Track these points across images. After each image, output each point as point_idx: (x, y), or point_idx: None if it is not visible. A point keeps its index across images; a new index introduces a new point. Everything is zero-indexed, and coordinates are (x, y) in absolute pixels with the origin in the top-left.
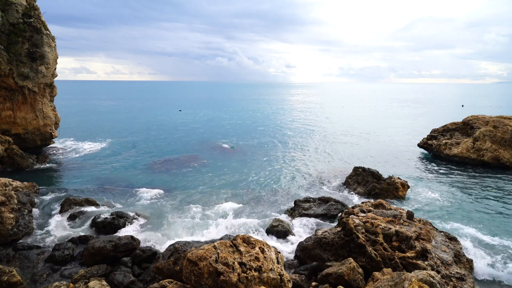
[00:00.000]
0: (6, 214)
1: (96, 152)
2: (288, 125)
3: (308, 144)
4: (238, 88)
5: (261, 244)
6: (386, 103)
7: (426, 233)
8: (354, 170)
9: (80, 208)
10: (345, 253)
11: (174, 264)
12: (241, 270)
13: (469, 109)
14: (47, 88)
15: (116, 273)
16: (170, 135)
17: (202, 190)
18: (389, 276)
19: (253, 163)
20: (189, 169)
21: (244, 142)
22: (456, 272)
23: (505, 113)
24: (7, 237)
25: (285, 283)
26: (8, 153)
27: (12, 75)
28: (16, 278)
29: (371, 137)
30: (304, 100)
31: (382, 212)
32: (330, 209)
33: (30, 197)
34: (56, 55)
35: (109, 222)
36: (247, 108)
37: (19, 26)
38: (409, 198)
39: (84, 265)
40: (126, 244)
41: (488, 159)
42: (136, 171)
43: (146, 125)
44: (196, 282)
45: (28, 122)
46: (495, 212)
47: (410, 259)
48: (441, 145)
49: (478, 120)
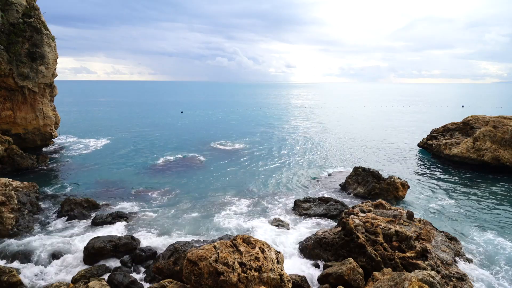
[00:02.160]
0: (6, 214)
1: (97, 152)
2: (288, 125)
3: (308, 144)
4: (238, 88)
5: (261, 244)
6: (386, 103)
7: (426, 233)
8: (354, 170)
9: (80, 208)
10: (345, 253)
11: (174, 264)
12: (241, 270)
13: (469, 109)
14: (47, 88)
15: (116, 273)
16: (170, 136)
17: (202, 190)
18: (389, 276)
19: (253, 163)
20: (189, 169)
21: (244, 142)
22: (456, 272)
23: (505, 113)
24: (7, 237)
25: (285, 283)
26: (8, 153)
27: (12, 75)
28: (16, 278)
29: (371, 137)
30: (304, 100)
31: (382, 212)
32: (330, 209)
33: (30, 197)
34: (56, 55)
35: (109, 222)
36: (247, 108)
37: (19, 26)
38: (409, 198)
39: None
40: (126, 244)
41: (488, 159)
42: (136, 171)
43: (146, 125)
44: (196, 282)
45: (28, 122)
46: (495, 212)
47: (410, 259)
48: (441, 145)
49: (478, 120)
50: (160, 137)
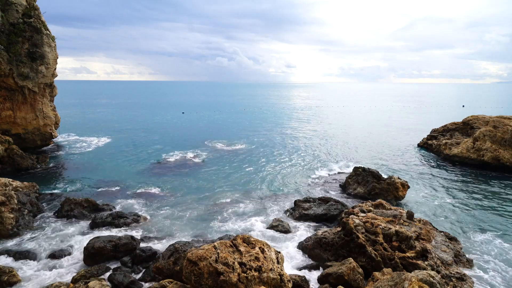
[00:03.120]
0: (6, 214)
1: (97, 153)
2: (288, 125)
3: (308, 144)
4: (239, 88)
5: (261, 244)
6: (387, 103)
7: (426, 233)
8: (354, 170)
9: (80, 208)
10: (345, 253)
11: (174, 264)
12: (241, 270)
13: (469, 109)
14: (47, 88)
15: (116, 273)
16: (171, 136)
17: (202, 190)
18: (389, 276)
19: (253, 163)
20: (190, 169)
21: (244, 142)
22: (456, 272)
23: (505, 113)
24: (7, 237)
25: (285, 283)
26: (8, 153)
27: (12, 75)
28: (16, 278)
29: (371, 137)
30: (304, 100)
31: (382, 212)
32: (330, 209)
33: (30, 197)
34: (56, 55)
35: (109, 222)
36: (247, 108)
37: (19, 26)
38: (409, 198)
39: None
40: (126, 244)
41: (488, 159)
42: (136, 171)
43: (146, 125)
44: (196, 282)
45: (28, 122)
46: (495, 212)
47: (410, 259)
48: (441, 145)
49: (478, 120)
50: (160, 137)
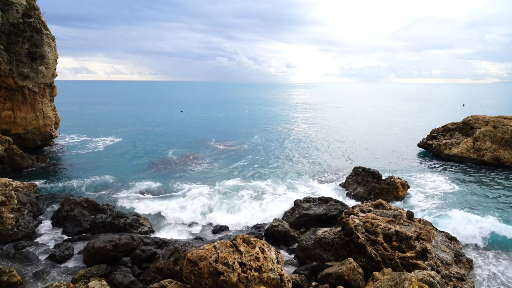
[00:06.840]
0: (6, 214)
1: (97, 152)
2: (288, 125)
3: (308, 143)
4: (239, 88)
5: (261, 244)
6: (387, 103)
7: (426, 233)
8: (354, 170)
9: (80, 208)
10: (345, 253)
11: (174, 264)
12: (241, 270)
13: (469, 109)
14: (47, 88)
15: (116, 273)
16: (170, 136)
17: (202, 190)
18: (389, 276)
19: (253, 163)
20: (189, 169)
21: (244, 142)
22: (456, 272)
23: (505, 113)
24: (7, 237)
25: (285, 283)
26: (8, 153)
27: (12, 75)
28: (16, 278)
29: (371, 137)
30: (304, 100)
31: (382, 212)
32: (330, 209)
33: (30, 197)
34: (56, 55)
35: (109, 222)
36: (247, 108)
37: (19, 26)
38: (409, 198)
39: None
40: (126, 244)
41: (488, 159)
42: (136, 171)
43: (146, 125)
44: (196, 282)
45: (28, 122)
46: (495, 212)
47: (410, 259)
48: (441, 145)
49: (478, 120)
50: (160, 137)
